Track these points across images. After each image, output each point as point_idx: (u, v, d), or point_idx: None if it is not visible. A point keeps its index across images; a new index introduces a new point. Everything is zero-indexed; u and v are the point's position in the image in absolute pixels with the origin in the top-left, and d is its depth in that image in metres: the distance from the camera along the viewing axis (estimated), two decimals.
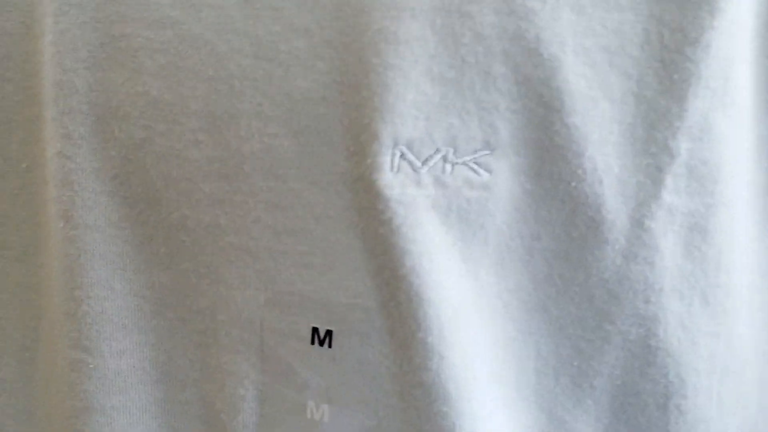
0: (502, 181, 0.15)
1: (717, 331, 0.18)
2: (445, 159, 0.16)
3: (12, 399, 0.20)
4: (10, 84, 0.18)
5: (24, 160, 0.19)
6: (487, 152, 0.15)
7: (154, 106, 0.15)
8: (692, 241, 0.17)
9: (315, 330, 0.16)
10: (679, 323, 0.18)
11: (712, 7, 0.14)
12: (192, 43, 0.15)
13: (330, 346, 0.16)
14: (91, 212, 0.17)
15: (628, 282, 0.17)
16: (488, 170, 0.16)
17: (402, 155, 0.15)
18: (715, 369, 0.18)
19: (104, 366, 0.17)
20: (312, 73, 0.15)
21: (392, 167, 0.15)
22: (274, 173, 0.15)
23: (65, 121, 0.17)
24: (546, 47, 0.14)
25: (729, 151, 0.16)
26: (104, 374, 0.17)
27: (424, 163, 0.16)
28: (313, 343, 0.16)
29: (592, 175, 0.16)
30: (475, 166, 0.15)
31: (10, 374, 0.20)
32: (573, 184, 0.16)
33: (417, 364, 0.16)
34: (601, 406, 0.17)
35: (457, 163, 0.16)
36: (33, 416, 0.21)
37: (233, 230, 0.16)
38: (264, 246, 0.16)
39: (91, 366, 0.17)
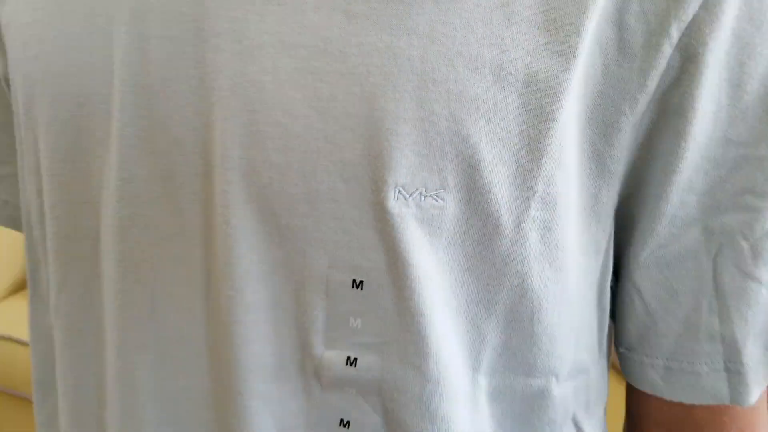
0: (449, 205, 0.29)
1: (557, 279, 0.31)
2: (420, 194, 0.28)
3: None
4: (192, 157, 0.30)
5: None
6: (441, 191, 0.29)
7: (277, 169, 0.29)
8: (544, 234, 0.29)
9: (354, 280, 0.30)
10: (538, 276, 0.30)
11: (555, 115, 0.28)
12: (305, 133, 0.28)
13: (362, 289, 0.30)
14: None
15: (512, 255, 0.30)
16: (442, 199, 0.28)
17: (399, 192, 0.28)
18: (557, 300, 0.31)
19: None
20: (354, 150, 0.29)
21: (394, 198, 0.28)
22: (336, 200, 0.29)
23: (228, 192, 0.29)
24: (475, 151, 0.27)
25: (562, 188, 0.30)
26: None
27: (410, 195, 0.28)
28: (353, 287, 0.30)
29: (495, 201, 0.29)
30: (436, 198, 0.28)
31: None
32: (484, 206, 0.28)
33: (407, 297, 0.30)
34: (499, 318, 0.31)
35: (427, 196, 0.28)
36: None
37: (325, 238, 0.29)
38: (330, 238, 0.29)
39: None
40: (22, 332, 1.55)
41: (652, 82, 0.28)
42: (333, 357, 0.30)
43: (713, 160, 0.30)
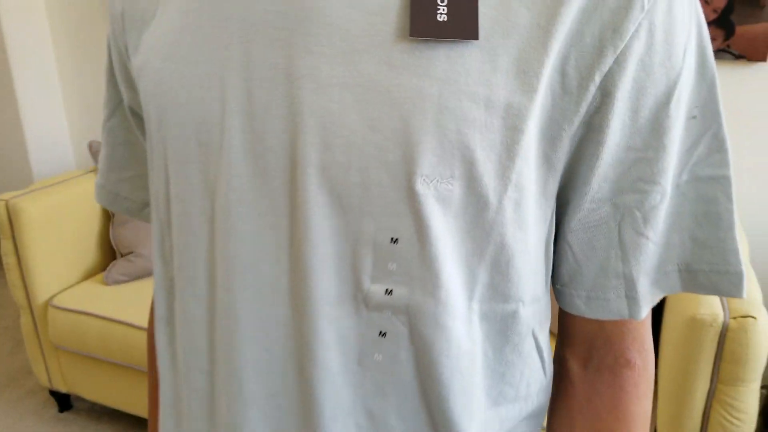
0: (455, 189, 0.38)
1: (524, 238, 0.42)
2: (437, 181, 0.38)
3: None
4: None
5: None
6: (451, 179, 0.38)
7: (341, 166, 0.39)
8: (516, 209, 0.40)
9: (392, 238, 0.44)
10: (512, 236, 0.41)
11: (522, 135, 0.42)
12: (361, 142, 0.39)
13: (397, 243, 0.44)
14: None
15: (496, 222, 0.40)
16: (451, 185, 0.39)
17: (423, 179, 0.38)
18: (523, 252, 0.42)
19: None
20: (394, 154, 0.41)
21: (420, 183, 0.38)
22: (382, 186, 0.41)
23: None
24: (473, 153, 0.39)
25: (527, 178, 0.41)
26: None
27: (431, 182, 0.38)
28: (391, 243, 0.43)
29: (485, 186, 0.39)
30: (447, 184, 0.39)
31: None
32: (478, 189, 0.39)
33: (427, 249, 0.40)
34: (486, 265, 0.41)
35: (441, 182, 0.38)
36: None
37: (382, 214, 0.40)
38: (376, 211, 0.41)
39: None
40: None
41: (583, 110, 0.40)
42: (376, 289, 0.42)
43: (619, 160, 0.42)
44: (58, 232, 1.86)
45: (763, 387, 1.89)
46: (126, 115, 0.56)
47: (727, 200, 0.43)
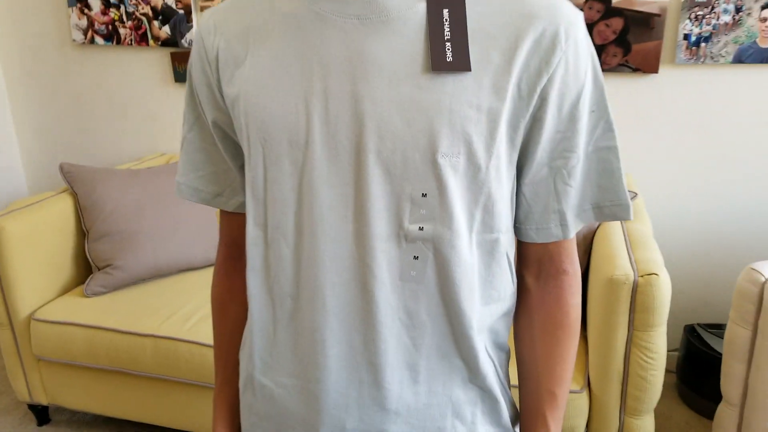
0: (461, 160, 0.58)
1: (501, 190, 0.63)
2: (450, 156, 0.58)
3: None
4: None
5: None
6: (458, 155, 0.58)
7: (389, 151, 0.60)
8: (496, 171, 0.61)
9: (423, 193, 0.60)
10: (495, 189, 0.62)
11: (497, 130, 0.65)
12: (402, 134, 0.61)
13: (426, 197, 0.60)
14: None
15: (485, 180, 0.61)
16: (458, 158, 0.59)
17: (442, 155, 0.58)
18: (502, 198, 0.63)
19: None
20: (423, 141, 0.59)
21: (440, 158, 0.59)
22: (415, 161, 0.61)
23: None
24: (471, 138, 0.60)
25: (502, 152, 0.61)
26: None
27: (446, 157, 0.59)
28: (422, 197, 0.59)
29: (478, 158, 0.59)
30: (456, 157, 0.59)
31: None
32: (474, 160, 0.59)
33: (444, 199, 0.60)
34: (480, 208, 0.62)
35: (452, 157, 0.59)
36: None
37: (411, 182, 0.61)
38: (413, 177, 0.61)
39: None
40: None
41: (531, 110, 0.62)
42: (412, 228, 0.63)
43: (552, 139, 0.64)
44: (37, 250, 1.97)
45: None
46: (203, 128, 0.76)
47: (616, 160, 0.68)
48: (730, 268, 2.25)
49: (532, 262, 0.73)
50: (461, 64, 0.60)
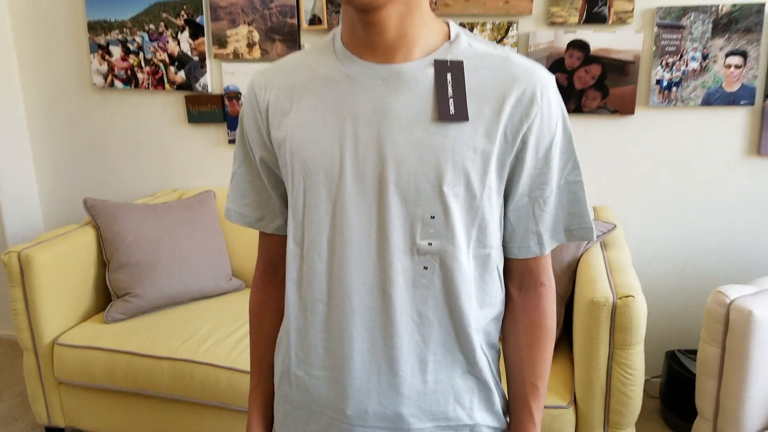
0: (460, 190, 0.75)
1: (493, 213, 0.79)
2: (453, 186, 0.75)
3: None
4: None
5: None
6: (459, 185, 0.75)
7: (405, 183, 0.76)
8: (489, 198, 0.77)
9: (432, 216, 0.76)
10: (488, 213, 0.78)
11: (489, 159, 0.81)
12: (416, 170, 0.76)
13: (434, 219, 0.76)
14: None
15: (480, 205, 0.77)
16: (459, 187, 0.75)
17: (446, 185, 0.75)
18: (493, 221, 0.79)
19: None
20: (432, 175, 0.74)
21: (445, 188, 0.75)
22: (426, 191, 0.76)
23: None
24: (469, 173, 0.76)
25: (493, 184, 0.76)
26: None
27: (450, 187, 0.75)
28: (431, 218, 0.76)
29: (474, 188, 0.75)
30: (456, 187, 0.75)
31: None
32: (471, 189, 0.75)
33: (448, 221, 0.75)
34: (475, 229, 0.78)
35: (454, 186, 0.75)
36: None
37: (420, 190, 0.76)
38: (423, 203, 0.76)
39: None
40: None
41: (514, 151, 0.77)
42: (423, 243, 0.76)
43: (531, 174, 0.79)
44: (61, 279, 2.11)
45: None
46: (251, 165, 0.91)
47: (582, 192, 0.84)
48: (704, 294, 2.41)
49: (516, 276, 0.88)
50: (461, 115, 0.76)
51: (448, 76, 0.77)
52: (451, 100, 0.76)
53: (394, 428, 0.82)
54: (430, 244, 0.78)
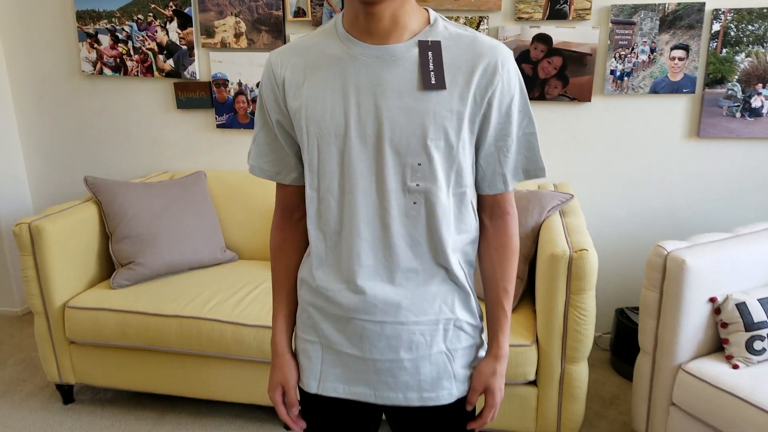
0: (441, 143, 0.96)
1: (467, 160, 1.00)
2: (435, 140, 0.96)
3: None
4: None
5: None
6: (440, 139, 0.97)
7: (398, 139, 0.96)
8: (462, 148, 0.98)
9: (419, 163, 0.98)
10: (462, 159, 0.99)
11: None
12: (406, 129, 0.97)
13: (420, 165, 0.98)
14: None
15: (456, 155, 0.98)
16: (440, 142, 0.97)
17: (431, 140, 0.96)
18: (467, 166, 1.01)
19: None
20: (419, 132, 0.95)
21: (429, 142, 0.96)
22: (415, 144, 0.97)
23: None
24: (447, 129, 0.98)
25: (466, 137, 0.98)
26: None
27: (432, 141, 0.96)
28: (418, 165, 0.97)
29: (451, 140, 0.97)
30: (437, 141, 0.96)
31: None
32: (449, 141, 0.97)
33: (432, 167, 0.97)
34: (453, 173, 0.99)
35: (436, 140, 0.96)
36: None
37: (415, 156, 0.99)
38: (412, 153, 0.97)
39: None
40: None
41: (482, 111, 0.99)
42: (412, 184, 0.97)
43: (495, 128, 1.01)
44: (68, 249, 2.28)
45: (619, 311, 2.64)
46: (269, 128, 1.09)
47: (536, 141, 1.07)
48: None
49: (487, 208, 1.11)
50: (440, 84, 0.98)
51: (429, 54, 0.97)
52: (432, 73, 0.97)
53: (396, 321, 1.04)
54: (417, 185, 0.99)
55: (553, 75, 2.55)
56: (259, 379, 2.14)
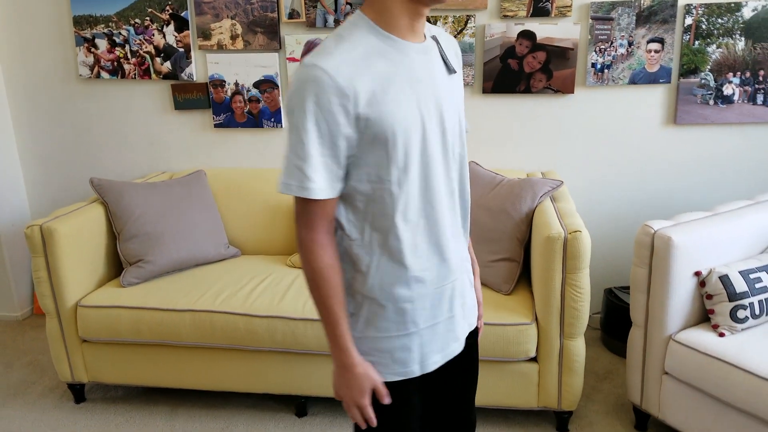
0: (462, 120, 1.18)
1: (464, 153, 1.18)
2: (461, 116, 1.17)
3: None
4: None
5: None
6: (461, 119, 1.17)
7: (448, 128, 1.11)
8: (459, 149, 1.16)
9: (459, 139, 1.15)
10: (460, 156, 1.17)
11: None
12: (453, 117, 1.13)
13: (459, 138, 1.14)
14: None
15: (465, 131, 1.19)
16: (462, 118, 1.18)
17: (460, 116, 1.16)
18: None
19: None
20: (459, 117, 1.15)
21: (462, 123, 1.17)
22: (457, 127, 1.17)
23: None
24: (461, 110, 1.16)
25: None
26: None
27: (460, 116, 1.16)
28: (459, 139, 1.16)
29: (463, 119, 1.17)
30: (462, 117, 1.17)
31: None
32: (463, 120, 1.16)
33: (463, 140, 1.15)
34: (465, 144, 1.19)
35: (461, 116, 1.17)
36: None
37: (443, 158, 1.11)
38: (457, 141, 1.16)
39: None
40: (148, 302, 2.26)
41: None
42: (457, 150, 1.14)
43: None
44: (79, 250, 2.35)
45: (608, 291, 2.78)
46: (331, 146, 1.01)
47: None
48: (634, 238, 2.87)
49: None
50: (453, 69, 1.13)
51: (439, 47, 1.12)
52: (448, 61, 1.12)
53: (465, 270, 1.23)
54: (459, 153, 1.17)
55: (538, 69, 2.67)
56: (270, 369, 2.23)
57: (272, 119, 2.92)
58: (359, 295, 1.13)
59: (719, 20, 2.53)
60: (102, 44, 2.97)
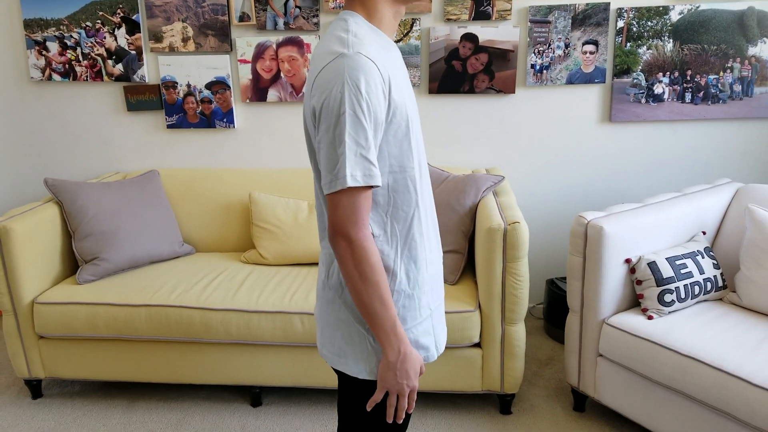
0: None
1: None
2: None
3: None
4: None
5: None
6: None
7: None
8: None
9: None
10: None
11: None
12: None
13: None
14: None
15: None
16: None
17: None
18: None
19: None
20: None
21: None
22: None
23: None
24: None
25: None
26: None
27: None
28: None
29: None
30: None
31: None
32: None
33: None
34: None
35: None
36: None
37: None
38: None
39: None
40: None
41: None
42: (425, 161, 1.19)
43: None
44: (35, 248, 2.37)
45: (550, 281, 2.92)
46: (375, 134, 1.04)
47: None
48: None
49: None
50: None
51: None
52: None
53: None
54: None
55: (481, 70, 2.80)
56: (225, 361, 2.30)
57: (224, 120, 2.98)
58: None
59: (649, 23, 2.70)
60: (53, 47, 2.97)
